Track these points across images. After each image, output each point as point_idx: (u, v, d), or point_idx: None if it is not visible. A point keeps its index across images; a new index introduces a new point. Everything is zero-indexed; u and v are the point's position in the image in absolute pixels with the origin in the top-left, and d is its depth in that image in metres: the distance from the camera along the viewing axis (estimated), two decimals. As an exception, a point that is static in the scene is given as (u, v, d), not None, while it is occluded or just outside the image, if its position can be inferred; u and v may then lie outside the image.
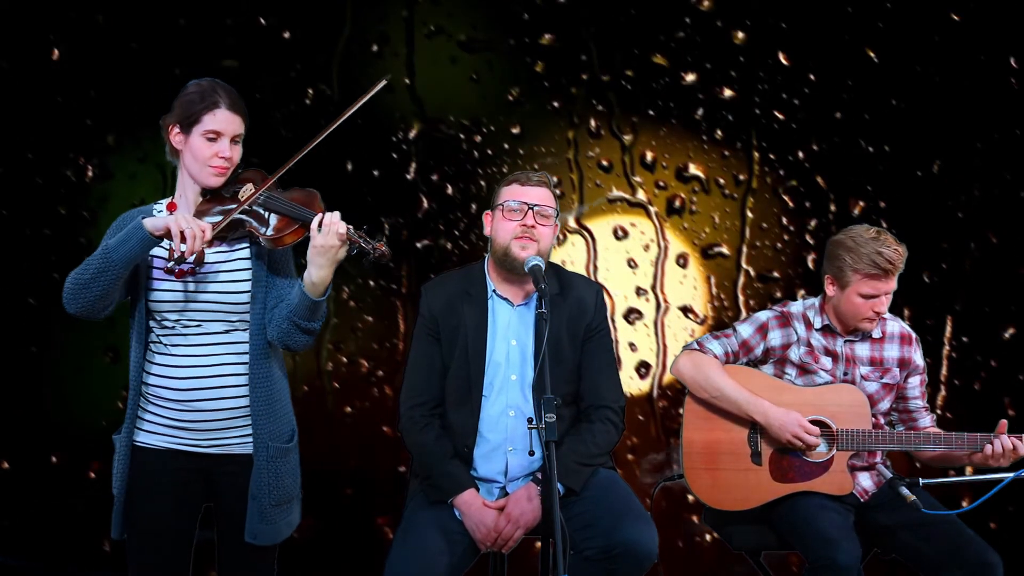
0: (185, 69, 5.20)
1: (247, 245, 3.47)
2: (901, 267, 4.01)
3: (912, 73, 5.46)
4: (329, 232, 3.29)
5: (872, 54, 5.48)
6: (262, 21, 5.43)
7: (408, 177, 5.48)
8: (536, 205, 3.79)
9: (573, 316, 3.85)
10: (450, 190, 5.51)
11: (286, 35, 5.44)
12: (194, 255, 3.27)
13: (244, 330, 3.43)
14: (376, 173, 5.48)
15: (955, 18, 5.45)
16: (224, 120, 3.41)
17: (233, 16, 5.41)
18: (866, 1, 5.45)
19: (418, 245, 5.49)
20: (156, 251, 3.42)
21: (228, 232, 3.42)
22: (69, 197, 5.40)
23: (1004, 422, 4.00)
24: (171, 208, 3.49)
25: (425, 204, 5.50)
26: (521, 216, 3.78)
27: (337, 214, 3.33)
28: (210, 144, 3.40)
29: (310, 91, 5.45)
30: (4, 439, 5.42)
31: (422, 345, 3.87)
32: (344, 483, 5.50)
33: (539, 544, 3.40)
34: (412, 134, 5.49)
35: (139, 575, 3.47)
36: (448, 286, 3.91)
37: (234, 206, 3.40)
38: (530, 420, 3.45)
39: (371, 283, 5.49)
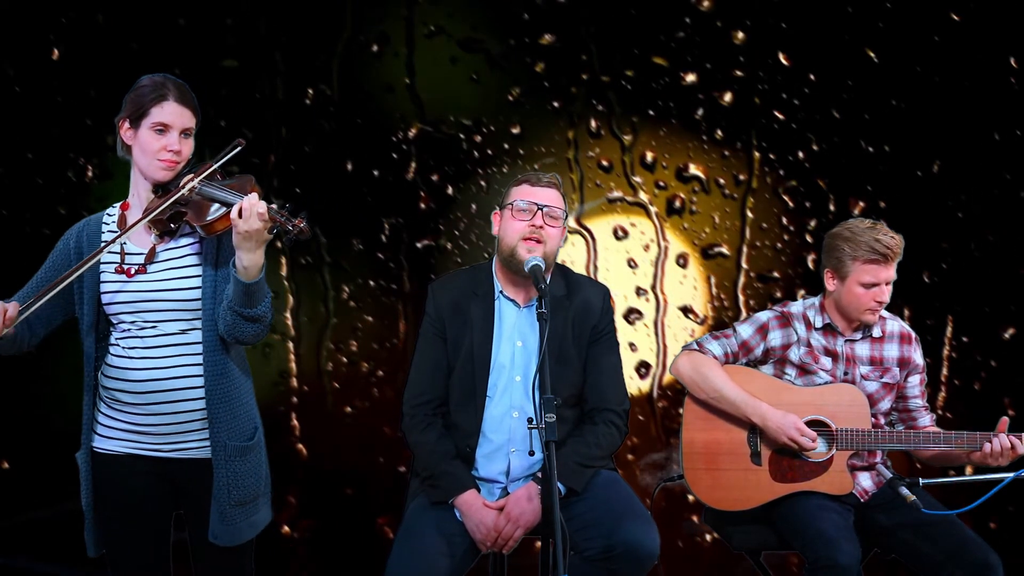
0: (185, 69, 5.20)
1: (195, 240, 3.43)
2: (899, 255, 4.02)
3: (912, 73, 5.46)
4: (250, 216, 3.23)
5: (872, 54, 5.48)
6: (262, 21, 5.43)
7: (408, 177, 5.48)
8: (546, 206, 3.79)
9: (579, 317, 3.85)
10: (450, 190, 5.51)
11: (286, 35, 5.44)
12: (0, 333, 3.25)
13: (199, 329, 3.39)
14: (376, 173, 5.48)
15: (955, 18, 5.45)
16: (172, 112, 3.37)
17: (233, 16, 5.41)
18: (866, 1, 5.45)
19: (418, 245, 5.49)
20: (106, 256, 3.40)
21: (171, 223, 3.38)
22: (69, 197, 5.40)
23: (1005, 419, 4.00)
24: (124, 208, 3.47)
25: (425, 204, 5.50)
26: (530, 216, 3.78)
27: (255, 195, 3.27)
28: (158, 137, 3.36)
29: (310, 91, 5.45)
30: (4, 439, 5.42)
31: (427, 344, 3.87)
32: (344, 483, 5.50)
33: (539, 544, 3.40)
34: (412, 134, 5.49)
35: None
36: (455, 286, 3.91)
37: (175, 194, 3.35)
38: (530, 420, 3.45)
39: (371, 283, 5.49)
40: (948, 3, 5.44)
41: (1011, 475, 3.98)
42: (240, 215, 3.24)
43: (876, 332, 4.13)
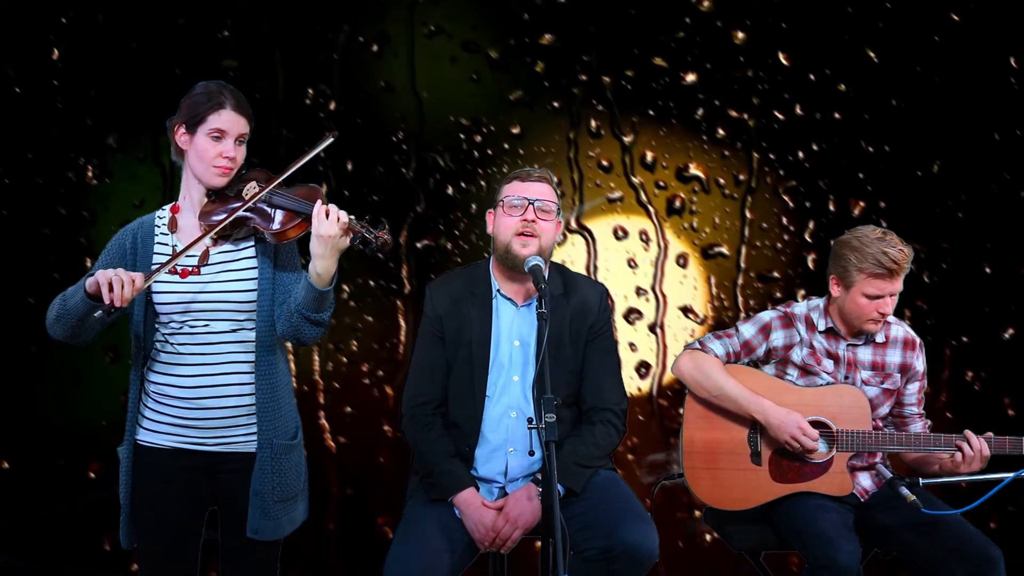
0: (185, 69, 5.21)
1: (252, 244, 3.49)
2: (907, 268, 4.00)
3: (912, 73, 5.46)
4: (330, 222, 3.32)
5: (872, 54, 5.48)
6: (262, 21, 5.43)
7: (408, 177, 5.49)
8: (537, 200, 3.79)
9: (576, 317, 3.85)
10: (450, 190, 5.51)
11: (286, 35, 5.44)
12: (125, 304, 3.27)
13: (251, 328, 3.45)
14: (376, 172, 5.48)
15: (955, 18, 5.45)
16: (229, 120, 3.43)
17: (233, 16, 5.41)
18: (866, 1, 5.45)
19: (418, 245, 5.49)
20: (158, 257, 3.46)
21: (232, 230, 3.45)
22: (69, 197, 5.40)
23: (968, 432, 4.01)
24: (175, 211, 3.52)
25: (425, 204, 5.50)
26: (522, 211, 3.78)
27: (334, 206, 3.35)
28: (215, 144, 3.43)
29: (310, 91, 5.45)
30: (4, 439, 5.42)
31: (426, 345, 3.88)
32: (344, 483, 5.50)
33: (539, 544, 3.40)
34: (412, 134, 5.49)
35: None
36: (453, 286, 3.91)
37: (239, 204, 3.42)
38: (530, 420, 3.46)
39: (371, 283, 5.49)
40: (948, 3, 5.44)
41: (1011, 475, 3.98)
42: (319, 219, 3.32)
43: (879, 337, 4.12)
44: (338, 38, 5.46)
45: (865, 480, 4.13)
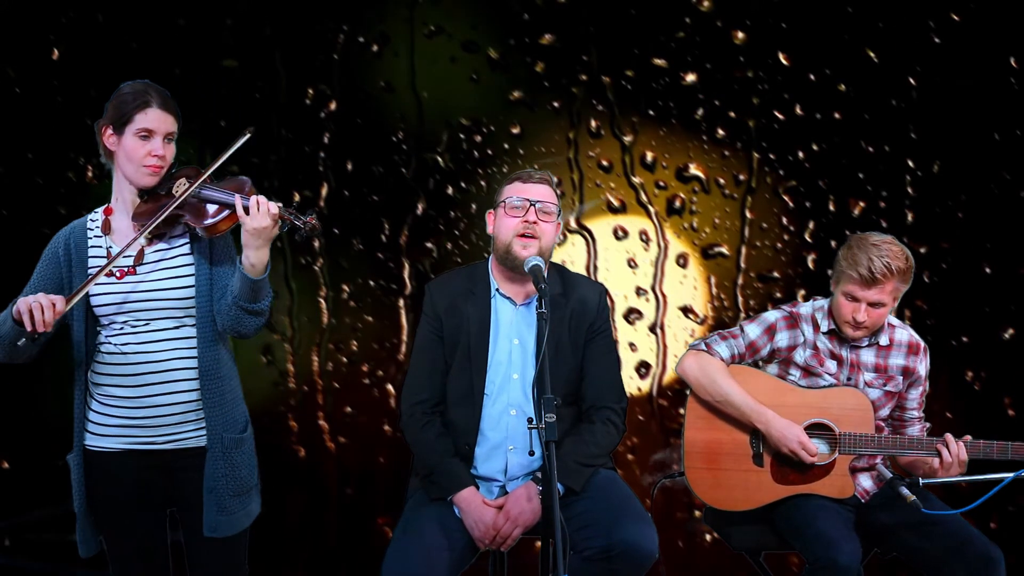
0: (185, 69, 5.21)
1: (187, 240, 3.49)
2: (889, 282, 3.93)
3: (912, 73, 5.46)
4: (261, 214, 3.33)
5: (872, 54, 5.48)
6: (262, 21, 5.43)
7: (408, 177, 5.49)
8: (538, 202, 3.80)
9: (575, 316, 3.86)
10: (450, 190, 5.51)
11: (286, 35, 5.44)
12: (49, 328, 3.28)
13: (192, 325, 3.45)
14: (376, 173, 5.48)
15: (955, 18, 5.45)
16: (156, 118, 3.43)
17: (233, 16, 5.41)
18: (866, 1, 5.45)
19: (418, 245, 5.49)
20: (93, 260, 3.46)
21: (166, 228, 3.46)
22: (69, 197, 5.40)
23: (949, 436, 4.00)
24: (108, 212, 3.52)
25: (425, 204, 5.50)
26: (523, 212, 3.79)
27: (263, 197, 3.36)
28: (143, 143, 3.43)
29: (310, 91, 5.45)
30: (4, 439, 5.42)
31: (425, 343, 3.89)
32: (344, 483, 5.50)
33: (539, 544, 3.40)
34: (412, 134, 5.48)
35: None
36: (452, 285, 3.92)
37: (170, 201, 3.42)
38: (530, 420, 3.46)
39: (371, 283, 5.49)
40: (948, 3, 5.44)
41: (1011, 475, 3.98)
42: (248, 213, 3.33)
43: (883, 340, 4.11)
44: (338, 38, 5.46)
45: (865, 481, 4.13)
